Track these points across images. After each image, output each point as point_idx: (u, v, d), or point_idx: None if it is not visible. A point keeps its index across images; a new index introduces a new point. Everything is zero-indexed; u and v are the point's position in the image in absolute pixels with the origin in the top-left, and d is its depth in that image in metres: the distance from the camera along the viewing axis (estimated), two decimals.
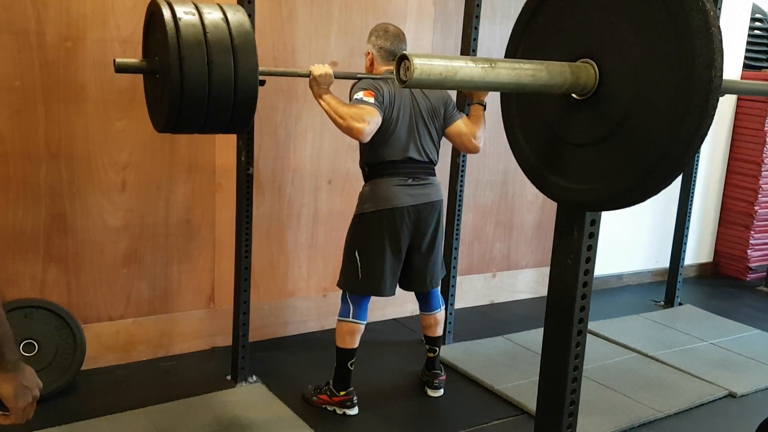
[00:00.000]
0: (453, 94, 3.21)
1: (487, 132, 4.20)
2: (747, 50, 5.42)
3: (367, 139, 2.74)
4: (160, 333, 3.42)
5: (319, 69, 2.71)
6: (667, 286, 4.78)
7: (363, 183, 3.02)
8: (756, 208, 5.35)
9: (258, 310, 3.56)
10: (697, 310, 4.68)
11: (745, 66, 5.44)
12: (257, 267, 3.48)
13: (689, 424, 3.13)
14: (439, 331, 3.27)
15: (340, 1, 3.61)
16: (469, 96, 3.23)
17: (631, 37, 1.39)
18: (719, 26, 1.29)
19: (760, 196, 5.33)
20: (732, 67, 5.25)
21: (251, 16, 2.83)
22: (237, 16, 2.38)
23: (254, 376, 3.24)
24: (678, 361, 3.72)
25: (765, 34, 5.63)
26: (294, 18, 3.48)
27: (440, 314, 3.24)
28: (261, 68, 2.40)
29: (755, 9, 5.43)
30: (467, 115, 3.15)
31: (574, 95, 1.51)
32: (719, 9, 4.31)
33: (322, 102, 2.74)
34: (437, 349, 3.27)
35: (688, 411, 3.22)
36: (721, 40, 1.29)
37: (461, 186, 3.68)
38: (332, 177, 3.78)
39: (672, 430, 3.06)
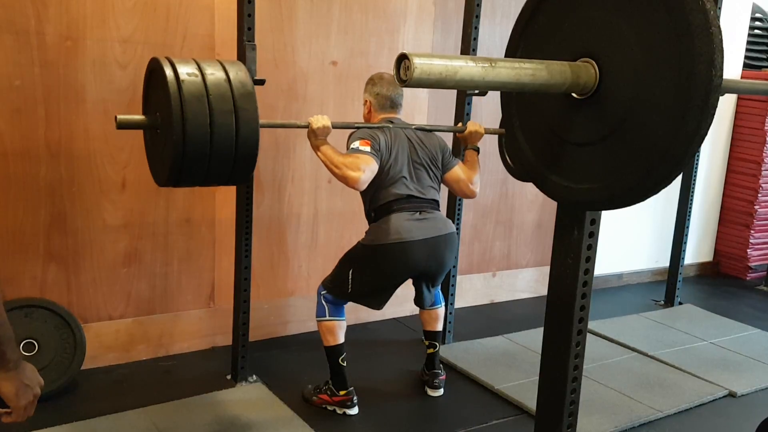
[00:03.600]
0: (449, 141, 3.24)
1: None
2: (747, 50, 5.42)
3: (362, 187, 2.78)
4: (160, 332, 3.42)
5: (318, 122, 2.75)
6: (667, 286, 4.78)
7: None
8: (756, 207, 5.35)
9: (258, 310, 3.56)
10: (697, 309, 4.68)
11: (745, 65, 5.44)
12: (257, 266, 3.48)
13: (689, 423, 3.13)
14: (439, 326, 3.27)
15: (340, 1, 3.60)
16: (463, 141, 3.26)
17: (631, 37, 1.39)
18: (719, 25, 1.29)
19: (760, 195, 5.33)
20: (732, 67, 5.25)
21: (251, 16, 2.84)
22: (239, 75, 2.41)
23: (254, 376, 3.24)
24: (678, 360, 3.72)
25: (765, 33, 5.63)
26: (294, 18, 3.48)
27: (440, 310, 3.25)
28: (261, 121, 2.43)
29: (755, 8, 5.43)
30: (462, 160, 3.18)
31: (574, 95, 1.51)
32: (719, 8, 4.30)
33: (319, 153, 2.79)
34: (437, 344, 3.27)
35: (688, 411, 3.22)
36: (721, 40, 1.28)
37: None
38: (332, 176, 3.77)
39: (672, 429, 3.06)
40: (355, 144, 2.81)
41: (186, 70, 2.30)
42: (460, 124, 3.40)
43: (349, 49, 3.68)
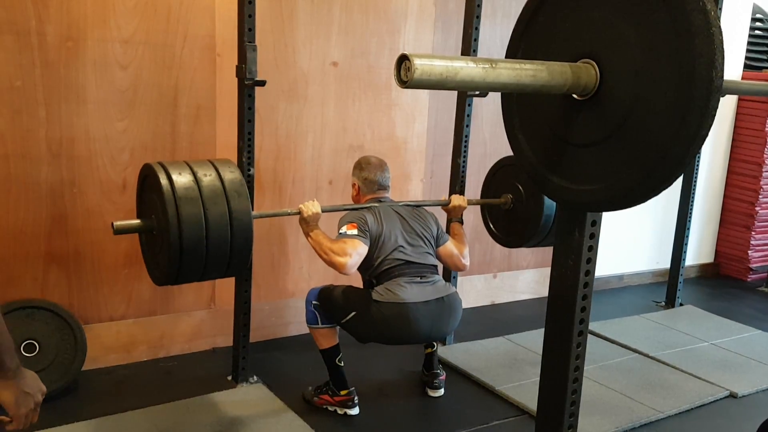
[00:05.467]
0: (441, 218, 3.28)
1: (488, 132, 4.23)
2: (747, 50, 5.42)
3: (350, 272, 2.82)
4: (160, 333, 3.42)
5: (309, 209, 2.83)
6: (668, 287, 4.78)
7: None
8: (757, 208, 5.34)
9: (258, 311, 3.56)
10: (698, 310, 4.68)
11: (746, 66, 5.43)
12: (258, 267, 3.48)
13: (690, 424, 3.12)
14: None
15: (341, 1, 3.61)
16: (448, 214, 3.35)
17: (632, 37, 1.39)
18: (720, 26, 1.29)
19: (760, 196, 5.32)
20: (732, 67, 5.25)
21: (251, 16, 2.84)
22: (230, 176, 2.47)
23: (255, 377, 3.24)
24: (679, 361, 3.72)
25: (765, 34, 5.63)
26: (294, 18, 3.49)
27: None
28: (253, 213, 2.49)
29: (755, 9, 5.43)
30: (448, 233, 3.23)
31: (574, 95, 1.51)
32: (719, 9, 4.30)
33: (310, 239, 2.86)
34: (434, 344, 3.27)
35: (688, 411, 3.22)
36: (721, 40, 1.28)
37: (462, 186, 3.67)
38: (333, 177, 3.77)
39: (673, 430, 3.06)
40: (343, 229, 2.88)
41: (180, 177, 2.36)
42: (444, 198, 3.49)
43: (350, 50, 3.68)
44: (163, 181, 2.33)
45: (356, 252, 2.81)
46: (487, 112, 4.15)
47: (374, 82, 3.79)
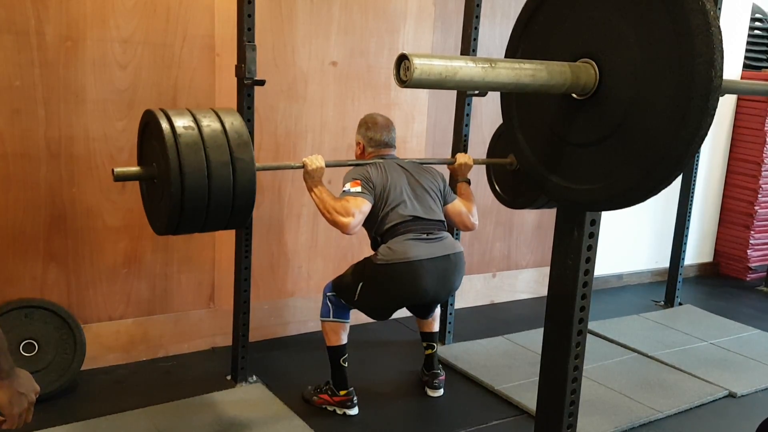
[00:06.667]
0: (446, 175, 3.26)
1: (488, 131, 4.22)
2: (747, 50, 5.42)
3: (353, 232, 2.80)
4: (160, 333, 3.42)
5: (313, 163, 2.80)
6: (667, 286, 4.78)
7: None
8: (756, 208, 5.35)
9: (258, 310, 3.56)
10: (697, 310, 4.68)
11: (745, 66, 5.44)
12: (257, 267, 3.48)
13: (689, 424, 3.12)
14: (435, 327, 3.28)
15: (340, 1, 3.60)
16: (454, 174, 3.31)
17: (631, 37, 1.39)
18: (719, 26, 1.29)
19: (760, 196, 5.33)
20: (732, 67, 5.25)
21: (251, 16, 2.84)
22: (234, 125, 2.43)
23: (254, 376, 3.24)
24: (678, 361, 3.72)
25: (765, 34, 5.63)
26: (294, 18, 3.48)
27: (435, 311, 3.25)
28: (257, 165, 2.46)
29: (755, 9, 5.43)
30: (455, 193, 3.21)
31: (574, 95, 1.51)
32: (719, 9, 4.30)
33: (313, 195, 2.83)
34: (434, 345, 3.27)
35: (688, 411, 3.22)
36: (721, 40, 1.29)
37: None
38: (332, 177, 3.76)
39: (672, 430, 3.06)
40: (347, 186, 2.85)
41: (182, 123, 2.32)
42: (449, 157, 3.44)
43: (349, 50, 3.68)
44: (165, 126, 2.29)
45: (359, 211, 2.79)
46: (487, 111, 4.15)
47: (373, 82, 3.79)
